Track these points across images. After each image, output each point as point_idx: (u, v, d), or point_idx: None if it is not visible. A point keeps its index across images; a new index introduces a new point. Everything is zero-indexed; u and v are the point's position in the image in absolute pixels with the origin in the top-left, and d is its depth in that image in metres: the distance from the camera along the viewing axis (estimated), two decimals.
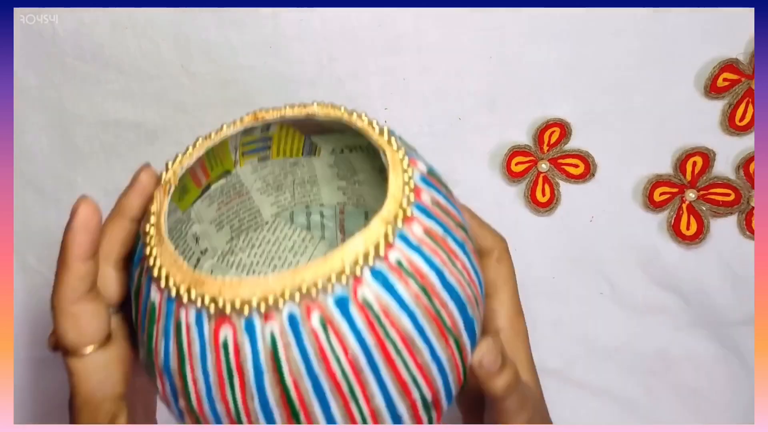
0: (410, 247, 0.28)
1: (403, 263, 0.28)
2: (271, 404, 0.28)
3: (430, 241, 0.29)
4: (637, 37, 0.57)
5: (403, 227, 0.28)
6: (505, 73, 0.58)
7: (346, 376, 0.27)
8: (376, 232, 0.27)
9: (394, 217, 0.28)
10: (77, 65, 0.55)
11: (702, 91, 0.59)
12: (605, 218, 0.63)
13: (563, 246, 0.63)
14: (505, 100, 0.59)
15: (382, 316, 0.27)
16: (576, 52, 0.57)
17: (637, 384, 0.57)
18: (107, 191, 0.60)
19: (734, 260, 0.63)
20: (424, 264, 0.28)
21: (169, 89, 0.57)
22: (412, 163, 0.30)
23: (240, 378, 0.27)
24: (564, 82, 0.59)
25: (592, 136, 0.61)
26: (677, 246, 0.63)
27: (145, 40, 0.55)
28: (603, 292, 0.63)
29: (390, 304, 0.27)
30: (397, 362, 0.28)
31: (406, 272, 0.28)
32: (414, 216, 0.29)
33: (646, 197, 0.62)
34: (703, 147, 0.61)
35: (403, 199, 0.28)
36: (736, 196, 0.62)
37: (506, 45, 0.57)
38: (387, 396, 0.28)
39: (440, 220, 0.30)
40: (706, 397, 0.56)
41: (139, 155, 0.59)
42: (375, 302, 0.27)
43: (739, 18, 0.57)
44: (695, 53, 0.58)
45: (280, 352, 0.27)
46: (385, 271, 0.27)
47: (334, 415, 0.28)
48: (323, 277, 0.26)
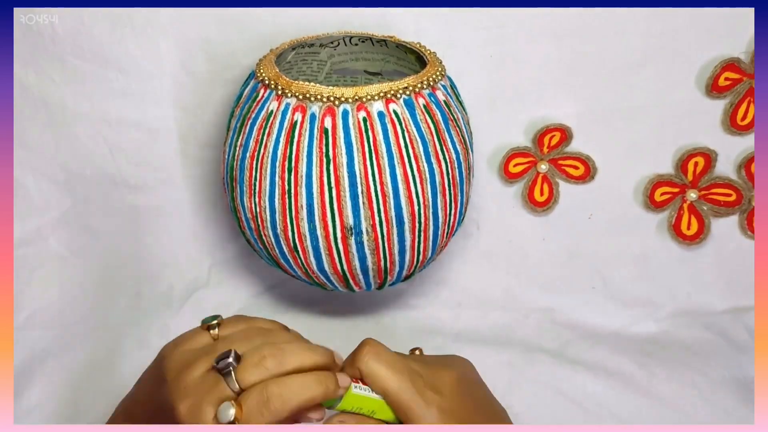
0: (434, 101, 0.46)
1: (425, 106, 0.45)
2: (356, 171, 0.43)
3: (445, 107, 0.46)
4: (637, 37, 0.57)
5: (431, 89, 0.46)
6: (505, 72, 0.58)
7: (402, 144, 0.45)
8: (420, 77, 0.45)
9: (428, 79, 0.46)
10: (77, 64, 0.55)
11: (703, 90, 0.59)
12: (604, 217, 0.63)
13: (560, 243, 0.63)
14: (506, 100, 0.59)
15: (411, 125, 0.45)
16: (576, 51, 0.57)
17: (630, 361, 0.57)
18: (116, 183, 0.61)
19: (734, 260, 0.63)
20: (439, 114, 0.46)
21: (170, 88, 0.57)
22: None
23: (334, 156, 0.43)
24: (564, 82, 0.58)
25: (593, 136, 0.61)
26: (677, 246, 0.63)
27: (145, 39, 0.55)
28: (595, 286, 0.63)
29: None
30: None
31: (426, 111, 0.45)
32: (437, 87, 0.46)
33: (647, 197, 0.62)
34: (705, 147, 0.61)
35: (437, 70, 0.47)
36: (738, 197, 0.62)
37: (506, 45, 0.57)
38: None
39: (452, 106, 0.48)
40: (699, 370, 0.56)
41: (143, 151, 0.60)
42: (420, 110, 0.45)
43: (740, 18, 0.56)
44: (696, 53, 0.58)
45: (368, 130, 0.43)
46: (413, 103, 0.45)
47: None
48: (395, 89, 0.44)
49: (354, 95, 0.43)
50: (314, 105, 0.43)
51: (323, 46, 0.55)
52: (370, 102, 0.43)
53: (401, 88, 0.44)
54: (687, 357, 0.58)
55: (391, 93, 0.44)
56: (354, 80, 0.58)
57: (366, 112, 0.43)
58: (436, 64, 0.48)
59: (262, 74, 0.46)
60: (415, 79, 0.45)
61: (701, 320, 0.62)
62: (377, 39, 0.53)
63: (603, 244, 0.63)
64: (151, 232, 0.63)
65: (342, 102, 0.43)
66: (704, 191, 0.62)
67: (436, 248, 0.50)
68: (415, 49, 0.52)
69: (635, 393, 0.55)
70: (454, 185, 0.47)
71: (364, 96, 0.43)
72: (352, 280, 0.48)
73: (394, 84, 0.44)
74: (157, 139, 0.59)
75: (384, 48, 0.55)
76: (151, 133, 0.59)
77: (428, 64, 0.48)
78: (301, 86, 0.44)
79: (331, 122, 0.43)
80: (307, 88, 0.43)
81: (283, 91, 0.44)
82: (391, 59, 0.56)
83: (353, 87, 0.43)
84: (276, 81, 0.45)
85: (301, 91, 0.43)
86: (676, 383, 0.56)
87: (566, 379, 0.56)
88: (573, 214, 0.63)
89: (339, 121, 0.43)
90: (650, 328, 0.62)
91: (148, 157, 0.60)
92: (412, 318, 0.63)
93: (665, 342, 0.60)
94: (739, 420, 0.53)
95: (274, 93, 0.45)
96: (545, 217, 0.63)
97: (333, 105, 0.43)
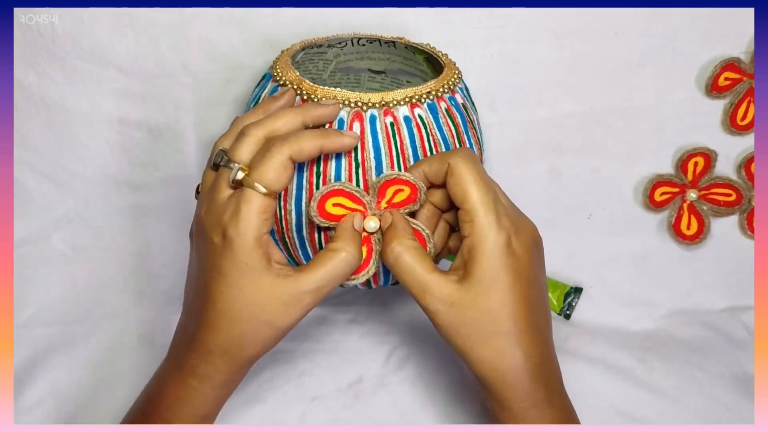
0: (454, 104, 0.46)
1: (446, 110, 0.46)
2: (384, 167, 0.43)
3: (464, 110, 0.47)
4: (638, 37, 0.57)
5: (451, 92, 0.46)
6: (505, 72, 0.58)
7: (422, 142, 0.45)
8: (441, 81, 0.46)
9: (449, 82, 0.46)
10: (78, 64, 0.55)
11: (703, 90, 0.59)
12: (604, 217, 0.63)
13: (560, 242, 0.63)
14: (506, 100, 0.59)
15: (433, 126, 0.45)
16: (576, 51, 0.57)
17: (630, 356, 0.58)
18: (117, 182, 0.61)
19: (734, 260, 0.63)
20: (459, 117, 0.46)
21: (170, 88, 0.57)
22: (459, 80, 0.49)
23: (362, 161, 0.43)
24: (564, 82, 0.58)
25: (593, 136, 0.61)
26: (677, 245, 0.63)
27: (145, 39, 0.55)
28: (594, 286, 0.63)
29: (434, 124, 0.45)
30: None
31: (447, 115, 0.45)
32: (456, 91, 0.47)
33: (647, 197, 0.62)
34: (705, 147, 0.61)
35: (455, 73, 0.48)
36: (737, 196, 0.62)
37: (506, 44, 0.57)
38: None
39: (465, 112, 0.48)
40: (698, 365, 0.57)
41: (144, 151, 0.60)
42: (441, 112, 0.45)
43: (740, 18, 0.56)
44: (696, 52, 0.58)
45: (396, 134, 0.44)
46: (436, 107, 0.45)
47: None
48: (419, 94, 0.44)
49: (381, 100, 0.43)
50: (342, 110, 0.43)
51: (331, 47, 0.55)
52: (396, 107, 0.44)
53: (425, 93, 0.45)
54: (686, 353, 0.59)
55: (416, 98, 0.44)
56: (357, 78, 0.58)
57: (393, 116, 0.44)
58: (453, 67, 0.49)
59: (282, 78, 0.46)
60: (437, 83, 0.46)
61: (700, 318, 0.62)
62: (386, 40, 0.54)
63: (603, 244, 0.63)
64: (152, 231, 0.63)
65: (369, 107, 0.43)
66: (704, 191, 0.62)
67: None
68: (425, 51, 0.52)
69: (635, 387, 0.55)
70: None
71: (391, 101, 0.44)
72: (373, 279, 0.48)
73: (418, 89, 0.44)
74: (158, 139, 0.59)
75: (392, 48, 0.55)
76: (151, 133, 0.59)
77: (445, 67, 0.48)
78: (327, 91, 0.44)
79: (359, 127, 0.43)
80: (332, 93, 0.44)
81: (308, 96, 0.44)
82: (397, 59, 0.56)
83: (379, 93, 0.44)
84: (299, 85, 0.45)
85: (327, 96, 0.44)
86: (675, 377, 0.56)
87: (566, 372, 0.56)
88: (573, 214, 0.63)
89: (367, 125, 0.43)
90: (649, 326, 0.62)
91: (148, 156, 0.60)
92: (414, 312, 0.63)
93: (664, 339, 0.60)
94: (739, 415, 0.53)
95: (299, 98, 0.45)
96: (546, 217, 0.63)
97: (360, 110, 0.43)
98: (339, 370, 0.57)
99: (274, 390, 0.55)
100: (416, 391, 0.55)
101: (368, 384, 0.55)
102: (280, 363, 0.57)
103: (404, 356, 0.58)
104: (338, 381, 0.56)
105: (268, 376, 0.55)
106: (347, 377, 0.56)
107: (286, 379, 0.55)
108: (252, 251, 0.37)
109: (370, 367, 0.57)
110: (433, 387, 0.55)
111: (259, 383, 0.55)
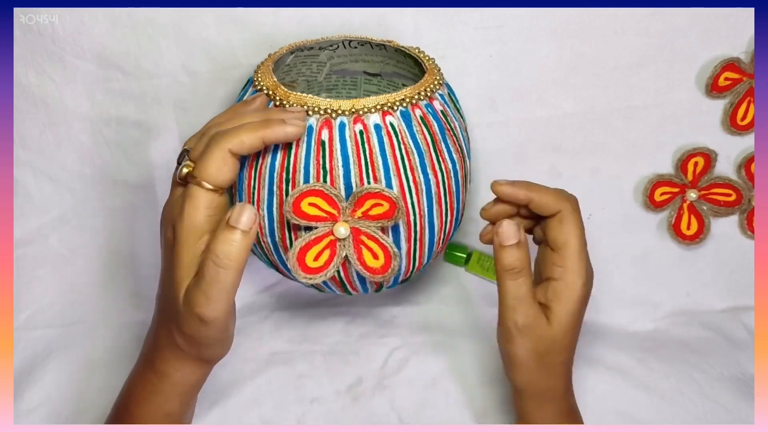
0: (431, 112, 0.46)
1: (421, 118, 0.45)
2: (352, 183, 0.43)
3: (442, 117, 0.46)
4: (637, 37, 0.57)
5: (429, 99, 0.46)
6: (505, 72, 0.58)
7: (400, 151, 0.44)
8: (417, 88, 0.45)
9: (426, 89, 0.46)
10: (78, 64, 0.55)
11: (703, 90, 0.59)
12: (604, 217, 0.63)
13: None
14: (505, 100, 0.59)
15: (406, 134, 0.44)
16: (576, 51, 0.57)
17: (629, 357, 0.58)
18: (116, 182, 0.61)
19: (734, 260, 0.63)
20: (436, 125, 0.46)
21: (170, 88, 0.57)
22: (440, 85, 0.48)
23: (331, 169, 0.43)
24: (564, 82, 0.58)
25: (593, 136, 0.61)
26: (677, 245, 0.63)
27: (145, 39, 0.55)
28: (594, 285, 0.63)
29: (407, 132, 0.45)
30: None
31: (423, 123, 0.45)
32: (435, 98, 0.46)
33: (647, 197, 0.62)
34: (705, 147, 0.61)
35: (435, 79, 0.47)
36: (737, 196, 0.62)
37: (506, 44, 0.57)
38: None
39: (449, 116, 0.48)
40: (697, 366, 0.57)
41: (144, 150, 0.60)
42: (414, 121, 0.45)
43: (740, 18, 0.56)
44: (696, 52, 0.58)
45: (365, 142, 0.43)
46: (410, 115, 0.45)
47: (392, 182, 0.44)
48: (392, 101, 0.44)
49: (351, 108, 0.43)
50: (312, 117, 0.43)
51: (322, 49, 0.55)
52: (366, 115, 0.43)
53: (398, 100, 0.44)
54: (686, 353, 0.59)
55: (388, 105, 0.44)
56: (354, 80, 0.58)
57: (363, 124, 0.43)
58: (434, 72, 0.48)
59: (260, 83, 0.46)
60: (413, 90, 0.45)
61: (700, 319, 0.62)
62: (376, 43, 0.53)
63: (603, 244, 0.63)
64: (150, 232, 0.63)
65: (339, 114, 0.43)
66: (704, 191, 0.62)
67: (432, 254, 0.50)
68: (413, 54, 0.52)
69: (634, 388, 0.55)
70: (450, 194, 0.47)
71: (361, 108, 0.43)
72: (350, 285, 0.48)
73: (391, 96, 0.44)
74: (158, 139, 0.59)
75: (383, 51, 0.55)
76: (151, 133, 0.59)
77: (426, 72, 0.48)
78: (299, 98, 0.44)
79: (328, 135, 0.43)
80: (304, 100, 0.43)
81: (281, 102, 0.44)
82: (391, 62, 0.56)
83: (350, 99, 0.43)
84: (274, 91, 0.45)
85: (299, 102, 0.44)
86: (675, 378, 0.56)
87: None
88: None
89: (336, 133, 0.43)
90: (649, 326, 0.62)
91: (148, 156, 0.60)
92: (412, 314, 0.63)
93: (664, 339, 0.61)
94: (738, 415, 0.53)
95: (272, 103, 0.45)
96: None
97: (330, 117, 0.43)
98: (338, 371, 0.56)
99: (272, 392, 0.54)
100: (415, 393, 0.55)
101: (367, 386, 0.55)
102: (278, 365, 0.57)
103: (403, 358, 0.58)
104: (337, 383, 0.56)
105: (267, 377, 0.55)
106: (346, 379, 0.56)
107: (284, 380, 0.55)
108: (193, 246, 0.38)
109: (368, 369, 0.57)
110: (432, 389, 0.55)
111: (258, 385, 0.55)
